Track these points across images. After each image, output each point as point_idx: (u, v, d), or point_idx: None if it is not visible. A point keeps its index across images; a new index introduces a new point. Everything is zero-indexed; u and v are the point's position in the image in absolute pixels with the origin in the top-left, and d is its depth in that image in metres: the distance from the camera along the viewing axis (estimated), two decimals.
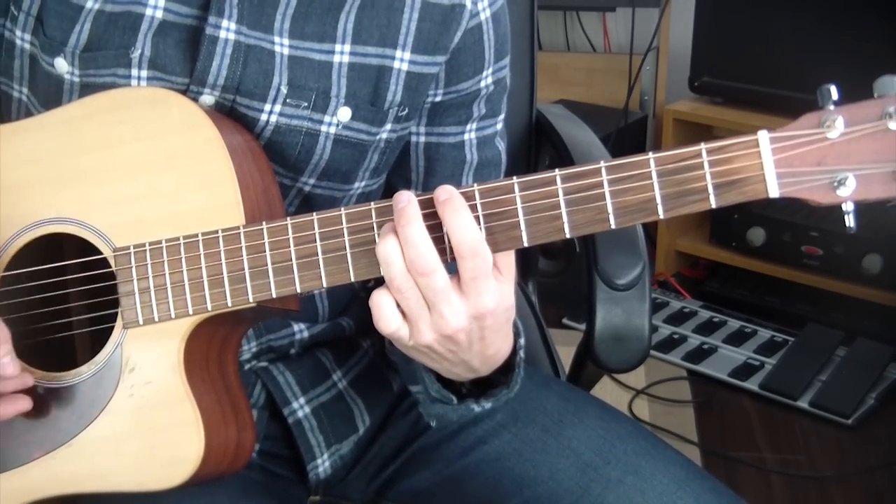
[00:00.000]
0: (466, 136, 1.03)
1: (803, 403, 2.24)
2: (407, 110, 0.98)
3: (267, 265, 0.83)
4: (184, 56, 0.92)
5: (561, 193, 0.78)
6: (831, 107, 0.74)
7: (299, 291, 0.83)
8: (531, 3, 1.48)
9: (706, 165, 0.76)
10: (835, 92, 0.74)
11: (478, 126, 1.03)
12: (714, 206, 0.76)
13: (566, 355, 1.31)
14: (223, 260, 0.84)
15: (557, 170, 0.78)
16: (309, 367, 1.06)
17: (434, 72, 0.97)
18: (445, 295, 0.78)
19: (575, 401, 1.05)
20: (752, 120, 2.47)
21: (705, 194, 0.76)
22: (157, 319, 0.85)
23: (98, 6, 0.91)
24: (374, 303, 0.79)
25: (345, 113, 0.95)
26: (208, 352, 0.89)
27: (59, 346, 0.93)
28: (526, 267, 1.50)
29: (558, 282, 2.53)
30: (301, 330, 1.05)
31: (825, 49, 2.33)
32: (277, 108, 0.93)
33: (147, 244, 0.86)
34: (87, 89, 0.92)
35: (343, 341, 1.09)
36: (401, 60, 0.96)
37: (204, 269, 0.84)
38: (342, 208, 0.82)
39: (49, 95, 0.94)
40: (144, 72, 0.91)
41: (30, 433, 0.88)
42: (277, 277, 0.83)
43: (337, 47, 0.94)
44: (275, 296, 0.83)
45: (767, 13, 2.47)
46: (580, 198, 0.78)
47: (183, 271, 0.85)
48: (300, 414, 1.04)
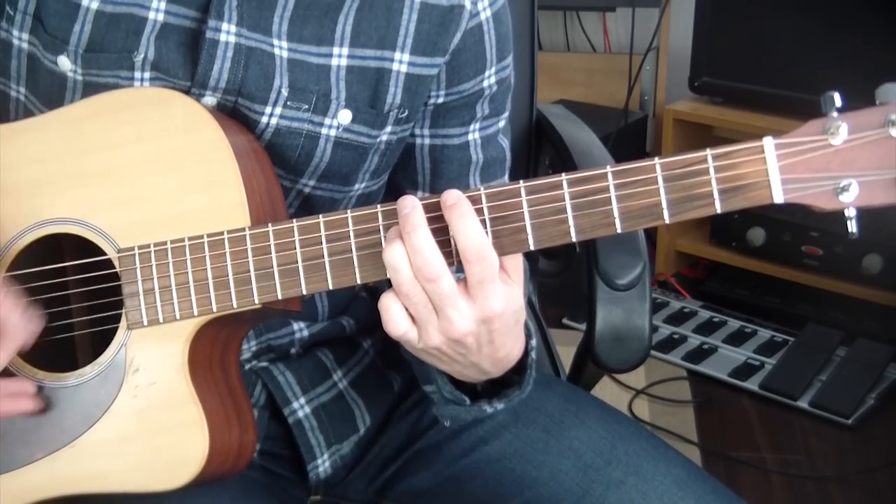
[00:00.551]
0: (471, 137, 1.03)
1: (803, 403, 2.24)
2: (407, 112, 0.98)
3: (273, 267, 0.83)
4: (185, 59, 0.91)
5: (567, 198, 0.78)
6: (834, 114, 0.75)
7: (305, 293, 0.83)
8: (531, 3, 1.48)
9: (712, 171, 0.76)
10: (838, 99, 0.75)
11: (482, 126, 1.03)
12: (720, 212, 0.77)
13: (566, 355, 1.32)
14: (229, 262, 0.84)
15: (564, 174, 0.79)
16: (309, 367, 1.06)
17: (433, 73, 0.97)
18: (452, 300, 0.78)
19: (576, 401, 1.05)
20: (752, 120, 2.47)
21: (711, 199, 0.76)
22: (162, 320, 0.85)
23: (97, 6, 0.91)
24: (383, 306, 0.80)
25: (345, 116, 0.95)
26: (211, 353, 0.89)
27: (63, 347, 0.93)
28: (526, 267, 1.50)
29: (558, 282, 2.53)
30: (301, 329, 1.05)
31: (825, 49, 2.33)
32: (278, 111, 0.93)
33: (152, 245, 0.85)
34: (90, 88, 0.92)
35: (343, 341, 1.09)
36: (399, 62, 0.96)
37: (209, 271, 0.84)
38: (349, 211, 0.82)
39: (52, 94, 0.94)
40: (147, 73, 0.91)
41: (32, 434, 0.88)
42: (283, 279, 0.83)
43: (335, 50, 0.94)
44: (280, 297, 0.84)
45: (767, 13, 2.47)
46: (586, 202, 0.78)
47: (188, 272, 0.85)
48: (300, 414, 1.04)
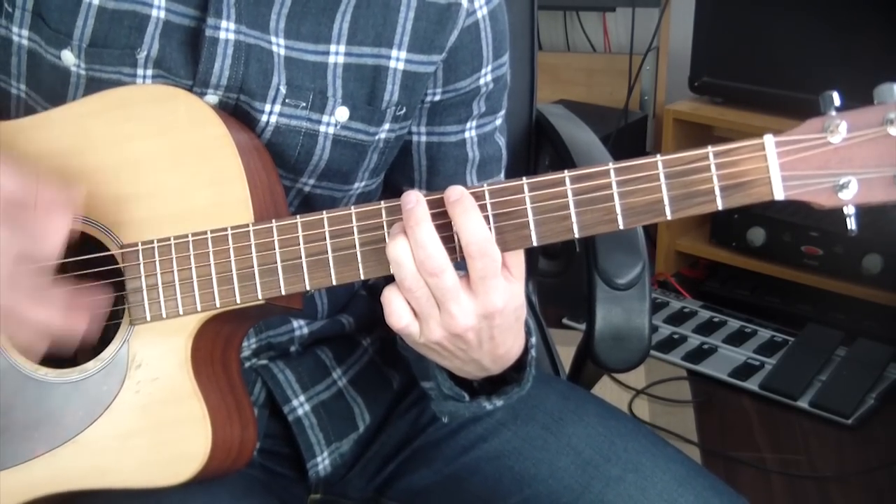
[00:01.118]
0: (467, 134, 1.03)
1: (803, 403, 2.24)
2: (405, 110, 0.98)
3: (276, 263, 0.84)
4: (186, 58, 0.92)
5: (570, 194, 0.79)
6: (833, 112, 0.76)
7: (309, 289, 0.84)
8: (531, 3, 1.48)
9: (713, 168, 0.77)
10: (837, 98, 0.76)
11: (478, 123, 1.03)
12: (721, 208, 0.77)
13: (566, 355, 1.32)
14: (232, 257, 0.84)
15: (567, 171, 0.79)
16: (309, 365, 1.06)
17: (430, 71, 0.98)
18: (455, 294, 0.79)
19: (575, 399, 1.05)
20: (752, 120, 2.47)
21: (712, 196, 0.77)
22: (165, 316, 0.86)
23: (98, 1, 0.91)
24: (386, 300, 0.80)
25: (342, 113, 0.95)
26: (213, 349, 0.89)
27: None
28: (526, 267, 1.50)
29: (558, 282, 2.53)
30: (301, 326, 1.05)
31: (825, 49, 2.33)
32: (277, 109, 0.93)
33: (155, 241, 0.86)
34: (94, 83, 0.92)
35: (343, 339, 1.10)
36: (397, 60, 0.96)
37: (213, 266, 0.85)
38: (352, 207, 0.82)
39: (55, 89, 0.94)
40: (150, 71, 0.91)
41: (33, 429, 0.88)
42: (287, 275, 0.84)
43: (332, 48, 0.94)
44: (284, 293, 0.84)
45: (767, 13, 2.48)
46: (589, 199, 0.79)
47: (192, 268, 0.85)
48: (300, 412, 1.04)
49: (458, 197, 0.78)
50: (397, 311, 0.80)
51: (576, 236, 0.79)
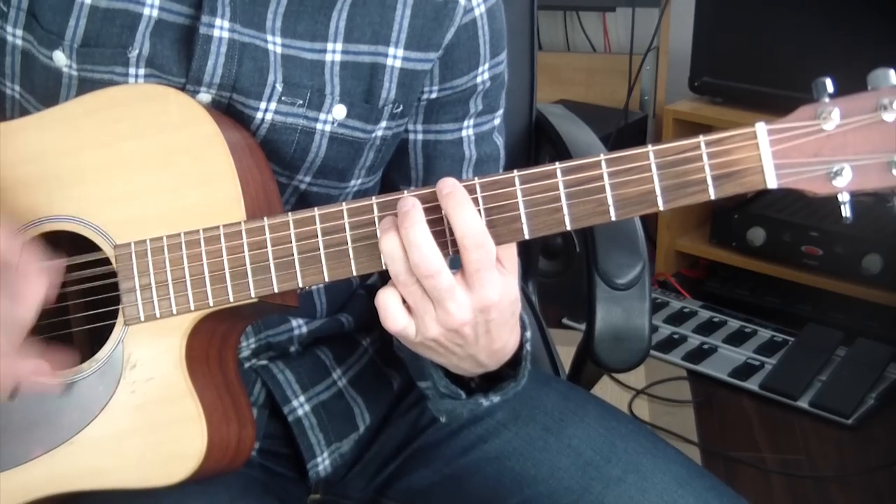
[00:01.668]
0: (464, 133, 1.03)
1: (803, 403, 2.24)
2: (402, 107, 0.98)
3: (269, 260, 0.84)
4: (179, 56, 0.92)
5: (561, 186, 0.79)
6: (826, 99, 0.76)
7: (301, 286, 0.84)
8: (531, 3, 1.48)
9: (705, 157, 0.77)
10: (830, 85, 0.76)
11: (475, 122, 1.03)
12: (713, 198, 0.77)
13: (566, 355, 1.31)
14: (224, 255, 0.84)
15: (558, 163, 0.79)
16: (309, 365, 1.06)
17: (427, 68, 0.97)
18: (451, 293, 0.78)
19: (575, 399, 1.05)
20: (752, 120, 2.41)
21: (704, 186, 0.77)
22: (159, 315, 0.86)
23: (91, 1, 0.91)
24: (381, 302, 0.80)
25: (340, 111, 0.95)
26: (209, 348, 0.89)
27: (59, 345, 0.93)
28: (526, 267, 1.50)
29: (558, 282, 2.53)
30: (300, 325, 1.05)
31: (825, 49, 2.33)
32: (273, 106, 0.93)
33: (148, 241, 0.86)
34: (86, 84, 0.92)
35: (342, 339, 1.09)
36: (394, 57, 0.96)
37: (205, 265, 0.85)
38: (343, 203, 0.82)
39: (47, 90, 0.94)
40: (142, 70, 0.91)
41: (30, 431, 0.88)
42: (279, 272, 0.83)
43: (329, 46, 0.94)
44: (276, 290, 0.84)
45: (767, 13, 2.48)
46: (581, 190, 0.79)
47: (184, 267, 0.85)
48: (300, 412, 1.04)
49: (451, 190, 0.78)
50: (393, 314, 0.80)
51: (568, 228, 0.79)
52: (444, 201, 0.78)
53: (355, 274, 0.82)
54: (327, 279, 0.83)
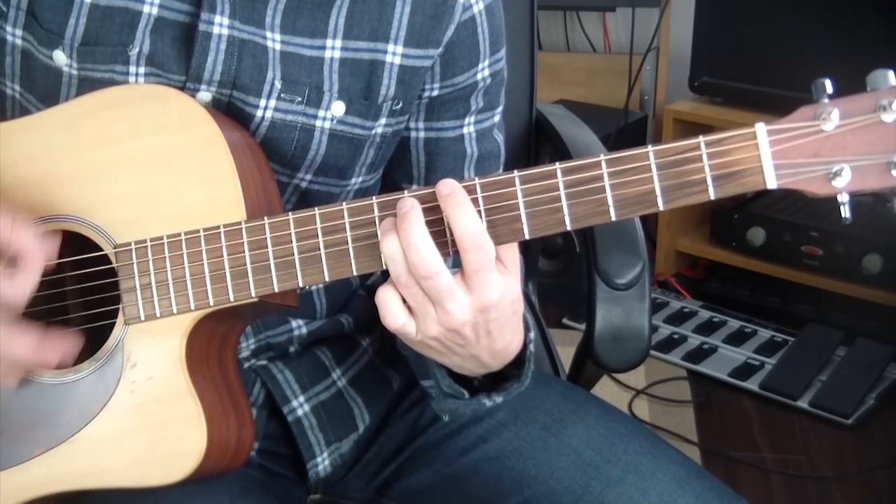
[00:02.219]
0: (465, 130, 1.03)
1: (803, 403, 2.24)
2: (401, 104, 0.98)
3: (269, 260, 0.84)
4: (179, 53, 0.92)
5: (561, 186, 0.79)
6: (826, 100, 0.76)
7: (301, 286, 0.84)
8: (531, 3, 1.48)
9: (705, 158, 0.77)
10: (829, 85, 0.76)
11: (476, 119, 1.03)
12: (713, 198, 0.77)
13: (566, 355, 1.31)
14: (225, 255, 0.84)
15: (558, 163, 0.79)
16: (308, 366, 1.06)
17: (427, 65, 0.98)
18: (450, 293, 0.79)
19: (575, 399, 1.05)
20: (752, 120, 2.43)
21: (704, 186, 0.77)
22: (159, 315, 0.86)
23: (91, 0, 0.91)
24: (381, 299, 0.80)
25: (339, 107, 0.95)
26: (208, 348, 0.89)
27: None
28: (526, 267, 1.50)
29: (558, 282, 2.53)
30: (299, 326, 1.05)
31: (825, 49, 2.33)
32: (272, 104, 0.93)
33: (148, 240, 0.86)
34: (86, 83, 0.92)
35: (342, 339, 1.09)
36: (393, 54, 0.96)
37: (206, 265, 0.85)
38: (344, 203, 0.82)
39: (47, 89, 0.94)
40: (142, 68, 0.91)
41: (30, 430, 0.88)
42: (280, 272, 0.84)
43: (328, 42, 0.94)
44: (277, 290, 0.84)
45: (767, 13, 2.48)
46: (581, 191, 0.79)
47: (185, 266, 0.85)
48: (300, 412, 1.04)
49: (451, 191, 0.78)
50: (392, 311, 0.80)
51: (568, 228, 0.79)
52: (444, 202, 0.78)
53: (356, 273, 0.82)
54: (328, 279, 0.83)
